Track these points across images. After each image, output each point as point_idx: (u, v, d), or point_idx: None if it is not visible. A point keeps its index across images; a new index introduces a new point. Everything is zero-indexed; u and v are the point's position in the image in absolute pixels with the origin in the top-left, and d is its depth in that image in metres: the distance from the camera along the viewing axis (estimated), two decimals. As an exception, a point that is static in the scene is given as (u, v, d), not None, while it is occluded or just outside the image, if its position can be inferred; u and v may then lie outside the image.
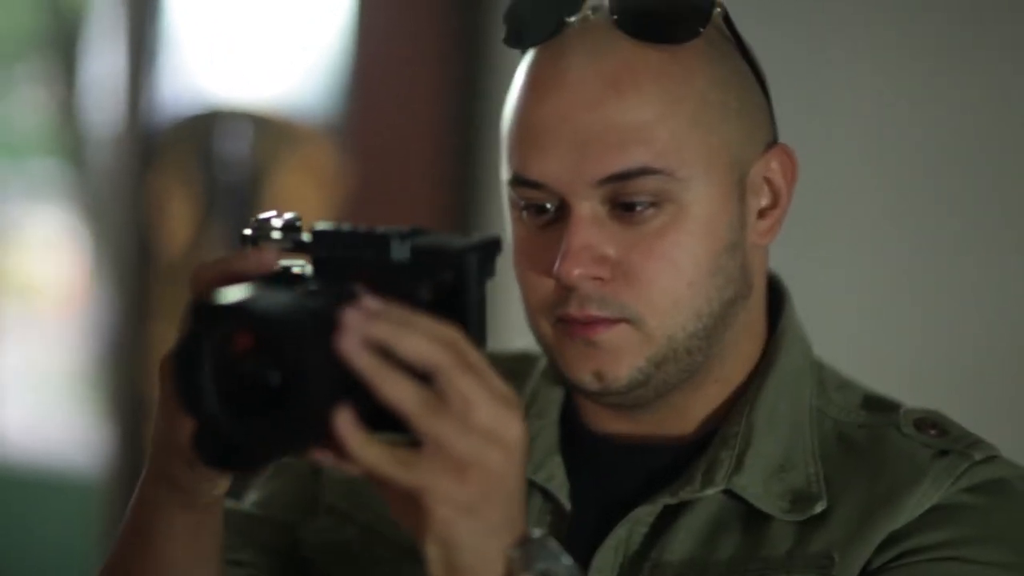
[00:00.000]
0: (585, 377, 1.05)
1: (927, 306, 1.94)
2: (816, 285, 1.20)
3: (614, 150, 1.02)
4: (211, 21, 3.20)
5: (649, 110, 1.02)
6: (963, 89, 1.97)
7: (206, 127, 3.14)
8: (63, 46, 3.84)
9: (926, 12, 2.01)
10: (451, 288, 0.86)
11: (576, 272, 1.02)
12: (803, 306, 1.14)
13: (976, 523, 1.02)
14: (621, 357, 1.04)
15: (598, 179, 1.02)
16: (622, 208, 1.03)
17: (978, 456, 1.05)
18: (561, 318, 1.05)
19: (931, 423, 1.08)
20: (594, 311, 1.03)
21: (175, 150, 3.17)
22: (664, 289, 1.03)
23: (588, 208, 1.03)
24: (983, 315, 1.96)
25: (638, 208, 1.03)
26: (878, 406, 1.10)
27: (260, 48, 3.10)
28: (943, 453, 1.05)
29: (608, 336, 1.04)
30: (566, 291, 1.04)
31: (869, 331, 1.96)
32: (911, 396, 1.13)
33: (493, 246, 0.87)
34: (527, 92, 1.06)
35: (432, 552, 0.82)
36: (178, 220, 3.17)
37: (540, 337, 1.08)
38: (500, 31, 1.10)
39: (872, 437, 1.08)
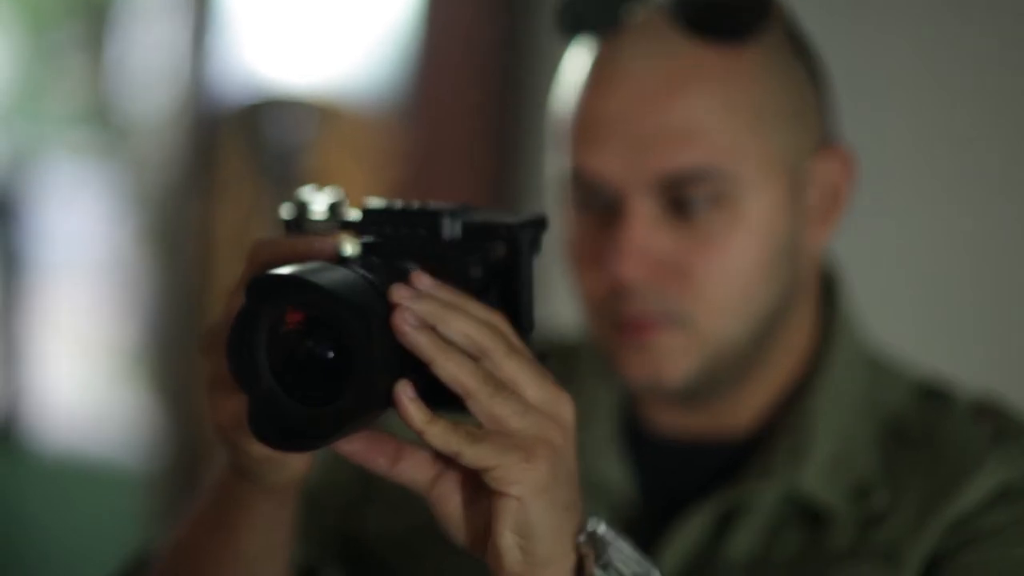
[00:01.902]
0: (640, 378, 1.10)
1: (978, 288, 1.96)
2: (870, 267, 1.22)
3: (672, 148, 1.06)
4: (268, 3, 3.23)
5: (708, 112, 1.06)
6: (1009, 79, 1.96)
7: (262, 108, 3.18)
8: (104, 15, 3.87)
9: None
10: (502, 265, 0.89)
11: (632, 270, 1.06)
12: (857, 288, 1.19)
13: None
14: (675, 359, 1.09)
15: (656, 176, 1.06)
16: (679, 207, 1.07)
17: None
18: (616, 322, 1.09)
19: (986, 408, 1.13)
20: (649, 308, 1.07)
21: (230, 127, 3.21)
22: (718, 290, 1.07)
23: (645, 207, 1.07)
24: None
25: (695, 208, 1.07)
26: (933, 393, 1.15)
27: (318, 33, 3.14)
28: (999, 439, 1.09)
29: (662, 339, 1.08)
30: (621, 289, 1.08)
31: (922, 313, 1.97)
32: (965, 377, 1.18)
33: (541, 223, 0.90)
34: (585, 87, 1.10)
35: (507, 542, 0.83)
36: (232, 197, 3.21)
37: (595, 336, 1.13)
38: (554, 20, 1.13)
39: (928, 425, 1.12)
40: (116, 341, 4.04)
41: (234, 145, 3.22)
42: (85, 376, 4.26)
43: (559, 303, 1.11)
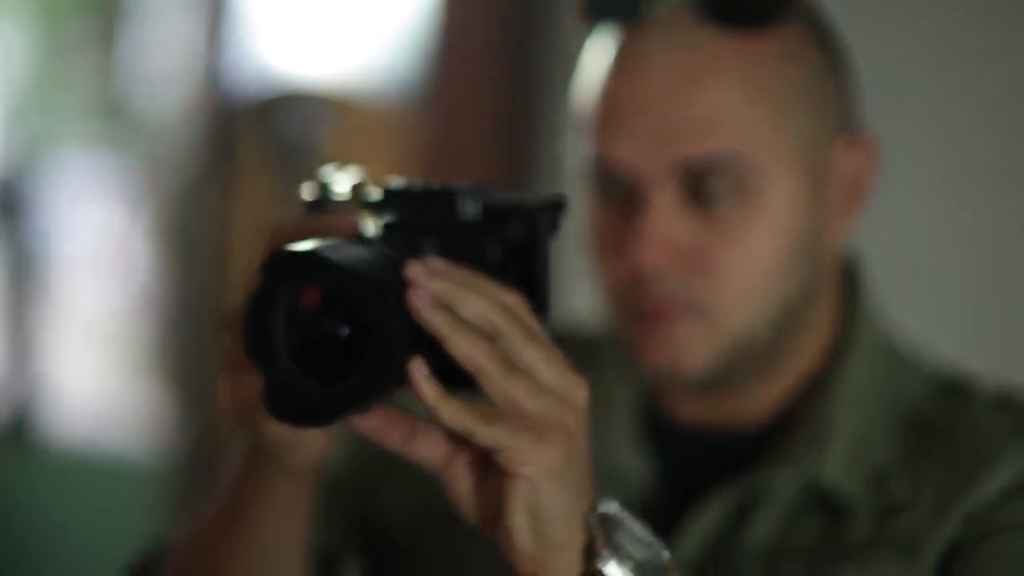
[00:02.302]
0: (659, 367, 1.11)
1: (977, 284, 1.97)
2: (869, 263, 1.24)
3: (693, 137, 1.08)
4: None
5: (729, 101, 1.08)
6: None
7: (278, 102, 3.20)
8: (118, 9, 3.89)
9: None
10: (521, 246, 0.90)
11: (652, 258, 1.08)
12: (879, 280, 1.19)
13: None
14: (694, 348, 1.10)
15: (677, 165, 1.08)
16: (700, 198, 1.08)
17: None
18: (636, 312, 1.10)
19: (1007, 400, 1.13)
20: (669, 295, 1.09)
21: (246, 121, 3.23)
22: (738, 281, 1.09)
23: (666, 196, 1.09)
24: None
25: (716, 199, 1.08)
26: (954, 385, 1.15)
27: (333, 26, 3.16)
28: (1020, 432, 1.10)
29: (682, 329, 1.10)
30: (641, 277, 1.09)
31: (920, 311, 1.99)
32: (985, 370, 1.18)
33: (560, 205, 0.91)
34: (608, 76, 1.12)
35: (519, 523, 0.84)
36: (248, 191, 3.23)
37: (616, 326, 1.14)
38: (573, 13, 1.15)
39: (948, 417, 1.12)
40: (131, 336, 4.05)
41: (250, 139, 3.23)
42: (99, 371, 4.27)
43: (578, 297, 1.12)
